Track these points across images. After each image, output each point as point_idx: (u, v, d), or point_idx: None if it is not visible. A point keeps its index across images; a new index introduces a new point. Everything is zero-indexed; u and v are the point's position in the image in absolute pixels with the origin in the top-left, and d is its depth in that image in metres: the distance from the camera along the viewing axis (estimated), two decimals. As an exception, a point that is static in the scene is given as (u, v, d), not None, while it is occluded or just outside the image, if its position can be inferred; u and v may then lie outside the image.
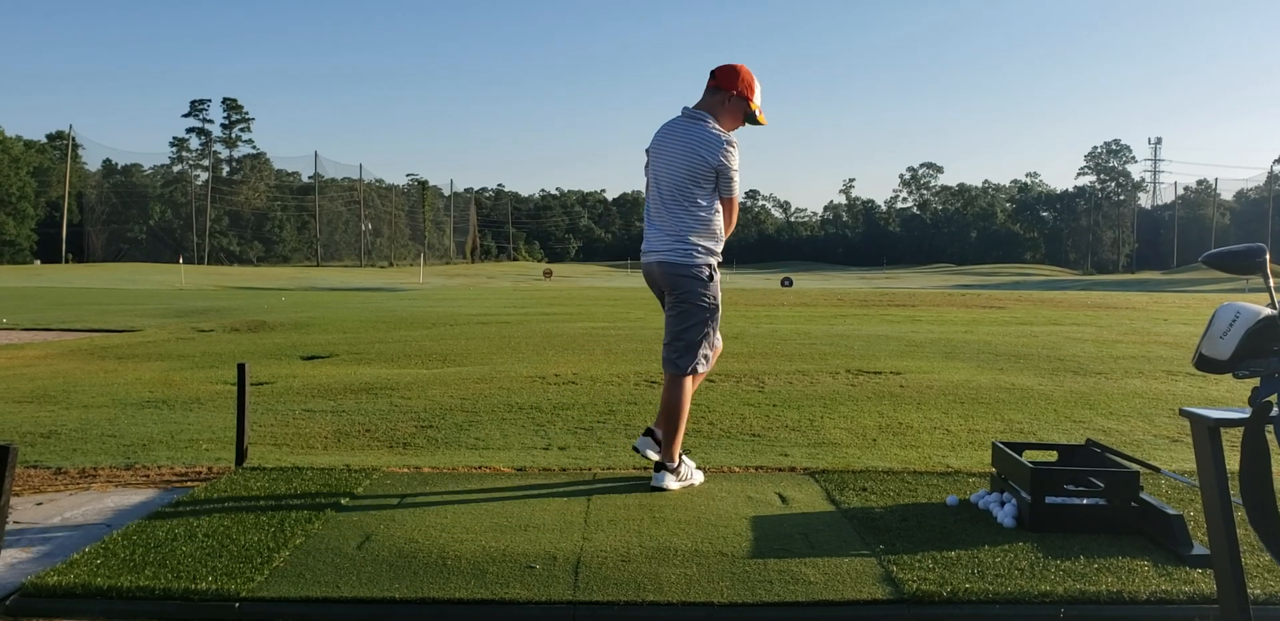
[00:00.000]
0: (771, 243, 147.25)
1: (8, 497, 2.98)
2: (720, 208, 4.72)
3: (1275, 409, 2.65)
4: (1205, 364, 2.82)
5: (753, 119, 4.79)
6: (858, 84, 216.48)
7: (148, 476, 5.05)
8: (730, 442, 6.09)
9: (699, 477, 4.85)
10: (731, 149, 4.62)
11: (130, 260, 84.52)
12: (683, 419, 4.75)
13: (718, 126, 4.64)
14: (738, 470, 5.21)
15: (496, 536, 3.92)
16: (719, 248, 4.75)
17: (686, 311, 4.68)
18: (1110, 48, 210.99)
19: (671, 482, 4.68)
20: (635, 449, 4.85)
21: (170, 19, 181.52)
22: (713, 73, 4.72)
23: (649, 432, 4.83)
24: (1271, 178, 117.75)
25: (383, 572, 3.49)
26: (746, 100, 4.70)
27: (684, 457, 4.83)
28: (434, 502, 4.45)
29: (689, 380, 4.75)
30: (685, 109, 4.73)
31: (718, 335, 4.87)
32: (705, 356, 4.75)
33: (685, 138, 4.63)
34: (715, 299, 4.73)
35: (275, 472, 4.99)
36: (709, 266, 4.67)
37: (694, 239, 4.63)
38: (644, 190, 4.95)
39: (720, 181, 4.65)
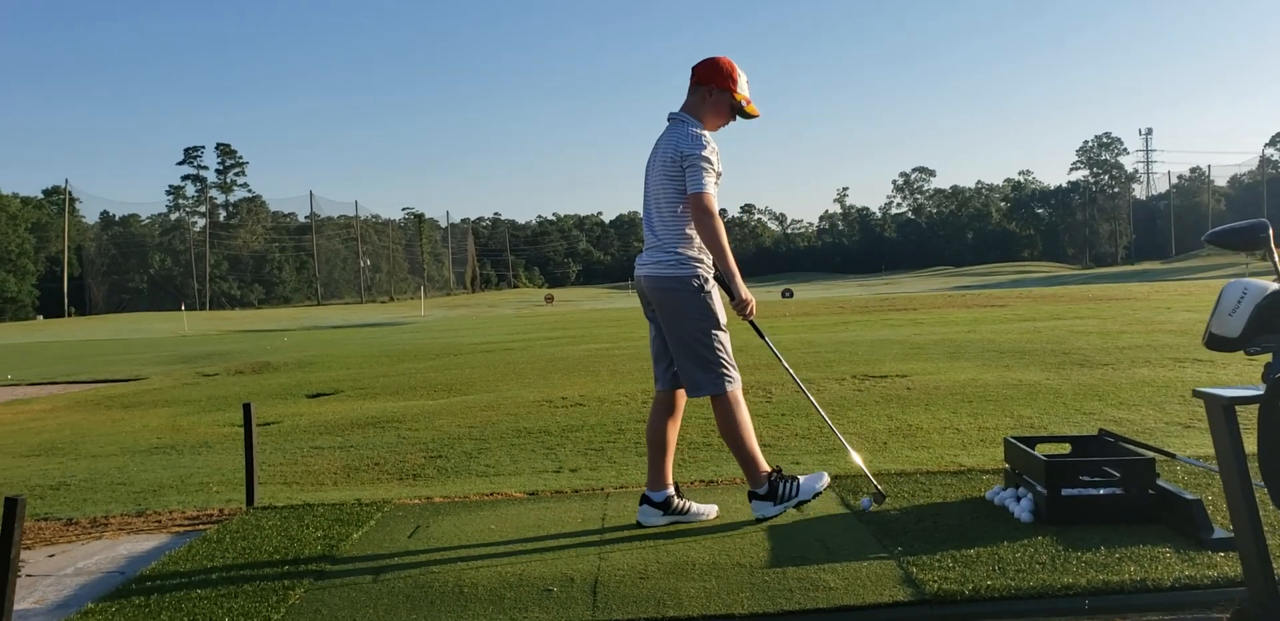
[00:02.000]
0: (769, 255, 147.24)
1: (18, 550, 2.96)
2: None
3: (1288, 384, 2.63)
4: (1215, 342, 2.81)
5: (742, 111, 4.44)
6: (846, 91, 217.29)
7: (159, 522, 5.02)
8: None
9: (812, 484, 4.38)
10: (701, 139, 4.21)
11: (133, 310, 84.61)
12: (744, 440, 4.34)
13: (699, 127, 4.29)
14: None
15: (512, 561, 3.89)
16: (710, 265, 4.37)
17: (686, 327, 4.31)
18: (1095, 40, 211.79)
19: (769, 509, 4.31)
20: (639, 523, 4.40)
21: (159, 69, 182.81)
22: (692, 69, 4.42)
23: (644, 499, 4.43)
24: (1264, 161, 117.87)
25: (399, 604, 3.46)
26: (729, 92, 4.35)
27: (780, 473, 4.40)
28: (447, 532, 4.42)
29: (729, 398, 4.34)
30: (670, 113, 4.44)
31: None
32: (728, 371, 4.36)
33: (664, 142, 4.32)
34: (717, 314, 4.35)
35: (287, 511, 4.96)
36: (698, 277, 4.28)
37: (680, 249, 4.27)
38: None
39: (686, 172, 4.19)
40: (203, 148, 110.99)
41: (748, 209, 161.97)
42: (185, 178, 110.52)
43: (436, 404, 9.34)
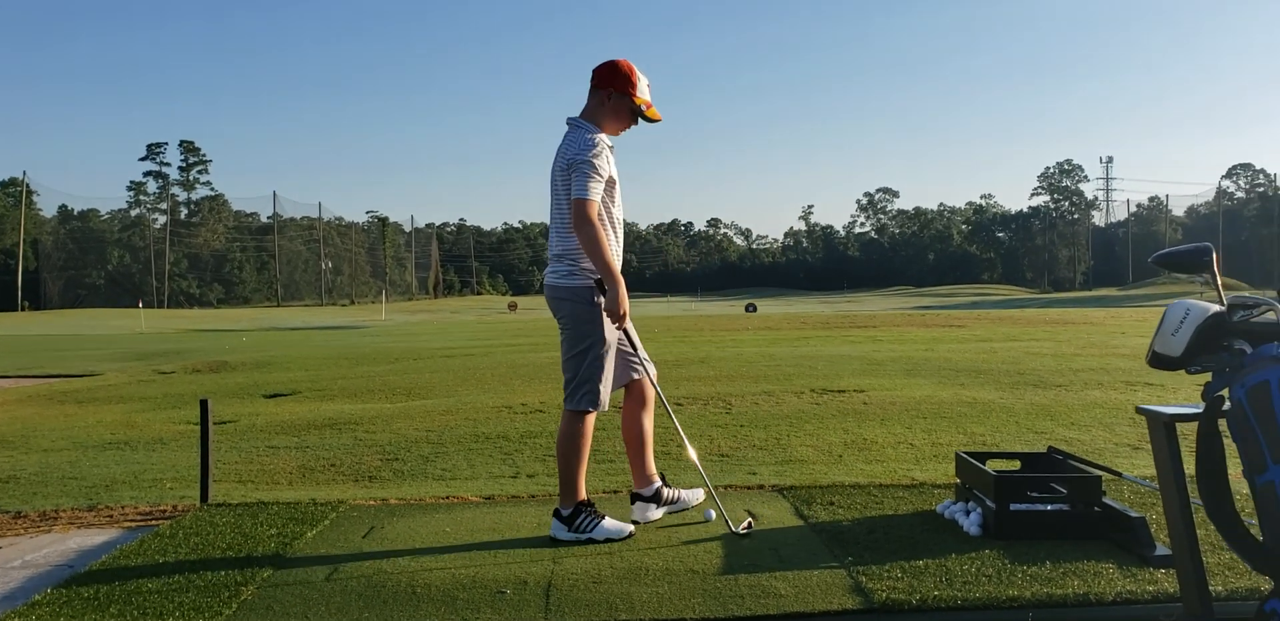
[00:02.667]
0: (734, 270, 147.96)
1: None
2: (603, 221, 4.15)
3: (1227, 403, 2.71)
4: (1158, 361, 2.89)
5: (643, 115, 4.30)
6: (813, 110, 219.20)
7: (111, 517, 4.98)
8: (699, 463, 6.09)
9: (615, 531, 4.22)
10: (589, 143, 4.08)
11: (89, 306, 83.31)
12: (575, 461, 4.23)
13: (595, 132, 4.18)
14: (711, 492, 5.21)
15: (466, 564, 3.91)
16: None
17: (570, 338, 4.25)
18: (1060, 69, 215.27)
19: (561, 533, 4.21)
20: (635, 522, 4.40)
21: (122, 63, 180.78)
22: (592, 72, 4.29)
23: (634, 497, 4.50)
24: (1220, 193, 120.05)
25: (352, 603, 3.47)
26: (628, 96, 4.23)
27: (593, 509, 4.27)
28: (402, 533, 4.43)
29: (581, 418, 4.23)
30: (568, 118, 4.31)
31: (636, 351, 4.40)
32: (598, 391, 4.20)
33: (560, 150, 4.21)
34: (603, 329, 4.18)
35: (241, 508, 4.94)
36: (592, 289, 4.16)
37: (577, 262, 4.17)
38: None
39: (571, 177, 4.08)
40: (165, 144, 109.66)
41: (714, 223, 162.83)
42: (147, 174, 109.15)
43: (395, 407, 9.31)
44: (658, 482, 4.50)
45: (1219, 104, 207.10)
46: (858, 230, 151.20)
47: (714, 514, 4.43)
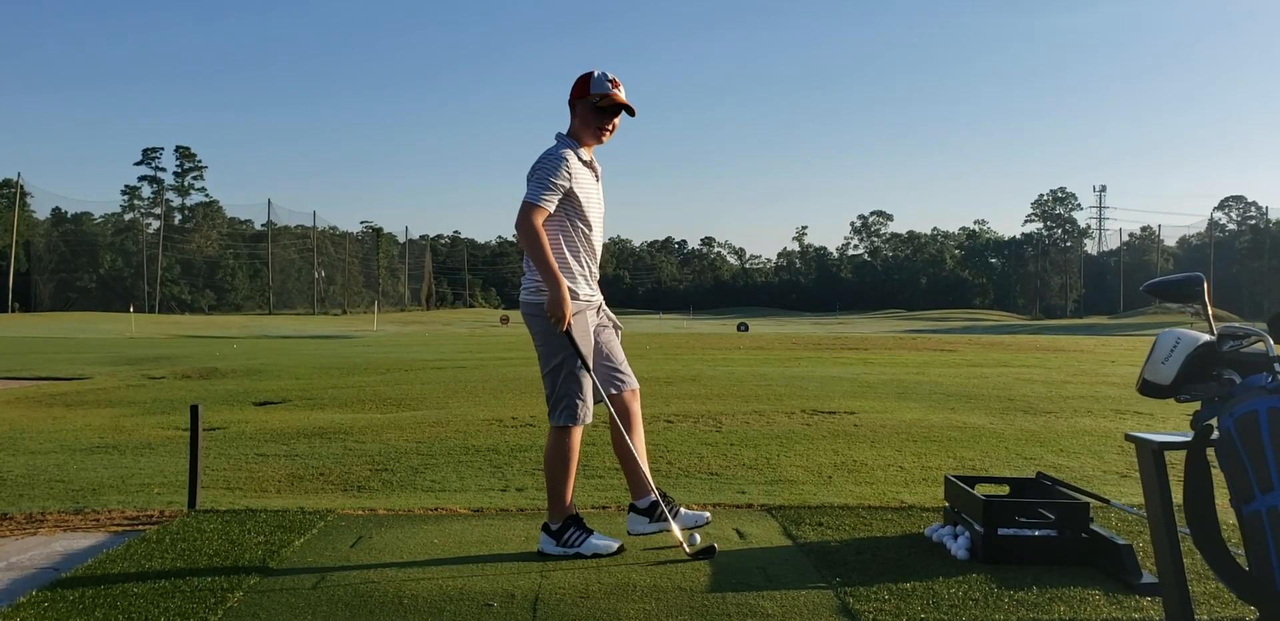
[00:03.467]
0: (727, 288, 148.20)
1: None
2: (568, 233, 4.25)
3: (1215, 432, 2.74)
4: (1148, 388, 2.92)
5: (611, 106, 4.29)
6: (809, 133, 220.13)
7: (98, 520, 4.96)
8: (689, 481, 6.11)
9: (602, 547, 4.22)
10: (550, 155, 4.19)
11: (79, 309, 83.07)
12: (562, 476, 4.26)
13: (565, 141, 4.28)
14: (696, 507, 5.21)
15: (453, 575, 3.90)
16: (576, 281, 4.26)
17: (543, 354, 4.29)
18: (1054, 96, 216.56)
19: (550, 547, 4.21)
20: (629, 533, 4.45)
21: (120, 66, 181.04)
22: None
23: (630, 508, 4.52)
24: (1212, 224, 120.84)
25: (338, 612, 3.46)
26: (585, 99, 4.27)
27: (581, 524, 4.28)
28: (390, 543, 4.42)
29: (567, 433, 4.25)
30: (556, 134, 4.39)
31: (617, 362, 4.43)
32: (576, 406, 4.23)
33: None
34: (567, 343, 4.20)
35: (229, 515, 4.93)
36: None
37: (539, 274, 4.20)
38: None
39: (527, 183, 4.17)
40: (161, 149, 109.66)
41: (708, 242, 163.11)
42: (142, 178, 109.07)
43: (385, 417, 9.30)
44: (653, 496, 4.46)
45: (1213, 136, 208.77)
46: (851, 252, 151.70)
47: (699, 538, 4.39)
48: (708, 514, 4.62)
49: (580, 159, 4.30)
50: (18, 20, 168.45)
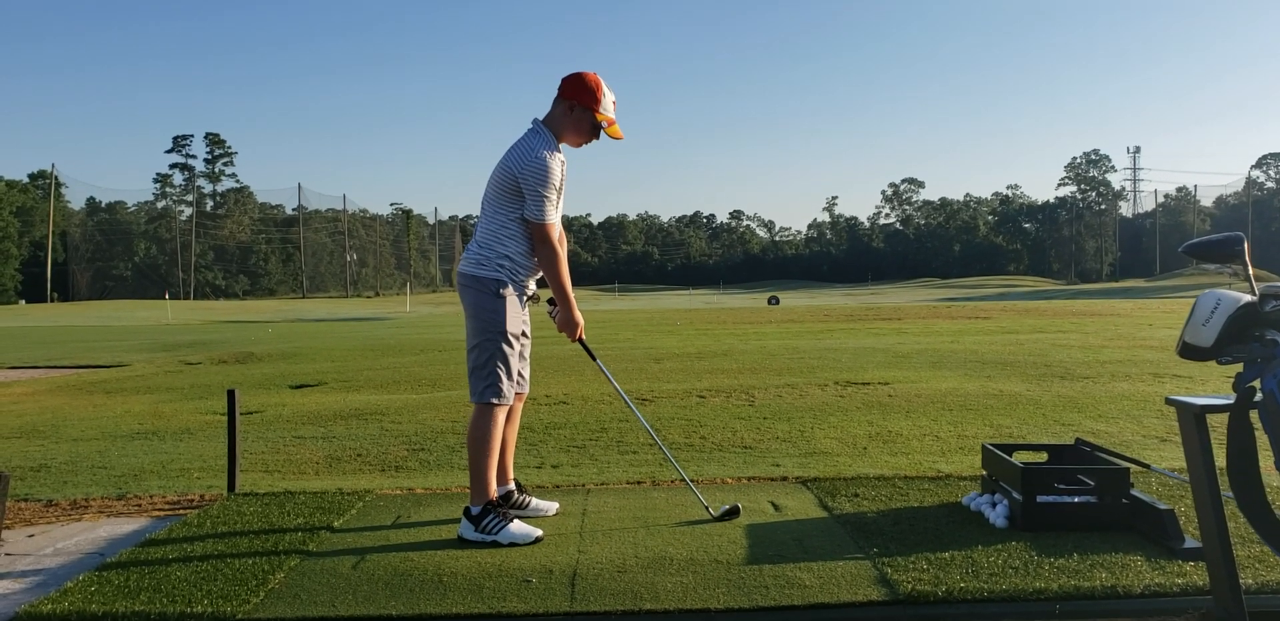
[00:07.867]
0: (757, 262, 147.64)
1: (0, 524, 2.98)
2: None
3: (1259, 394, 2.68)
4: (1189, 351, 2.86)
5: (605, 131, 4.28)
6: (837, 102, 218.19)
7: (140, 505, 5.03)
8: (722, 455, 6.11)
9: (521, 535, 4.08)
10: (539, 164, 4.09)
11: (116, 297, 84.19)
12: (485, 457, 4.14)
13: (545, 138, 4.18)
14: (730, 481, 5.22)
15: (491, 552, 3.92)
16: (524, 270, 4.24)
17: (472, 329, 4.21)
18: (1087, 58, 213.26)
19: (469, 532, 4.09)
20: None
21: (150, 55, 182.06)
22: (560, 80, 4.26)
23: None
24: (1250, 183, 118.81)
25: (379, 591, 3.49)
26: (591, 111, 4.20)
27: (502, 510, 4.18)
28: (428, 522, 4.45)
29: (489, 410, 4.15)
30: (533, 119, 4.28)
31: (523, 365, 4.37)
32: (499, 383, 4.15)
33: (512, 149, 4.19)
34: (504, 322, 4.15)
35: (268, 498, 4.98)
36: (499, 282, 4.15)
37: (493, 250, 4.17)
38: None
39: (526, 196, 4.11)
40: (191, 136, 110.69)
41: (736, 215, 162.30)
42: (173, 166, 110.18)
43: (420, 398, 9.35)
44: (510, 486, 4.50)
45: (1249, 94, 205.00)
46: (882, 221, 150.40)
47: (726, 508, 4.40)
48: (556, 504, 4.59)
49: (559, 157, 4.22)
50: (51, 10, 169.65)
